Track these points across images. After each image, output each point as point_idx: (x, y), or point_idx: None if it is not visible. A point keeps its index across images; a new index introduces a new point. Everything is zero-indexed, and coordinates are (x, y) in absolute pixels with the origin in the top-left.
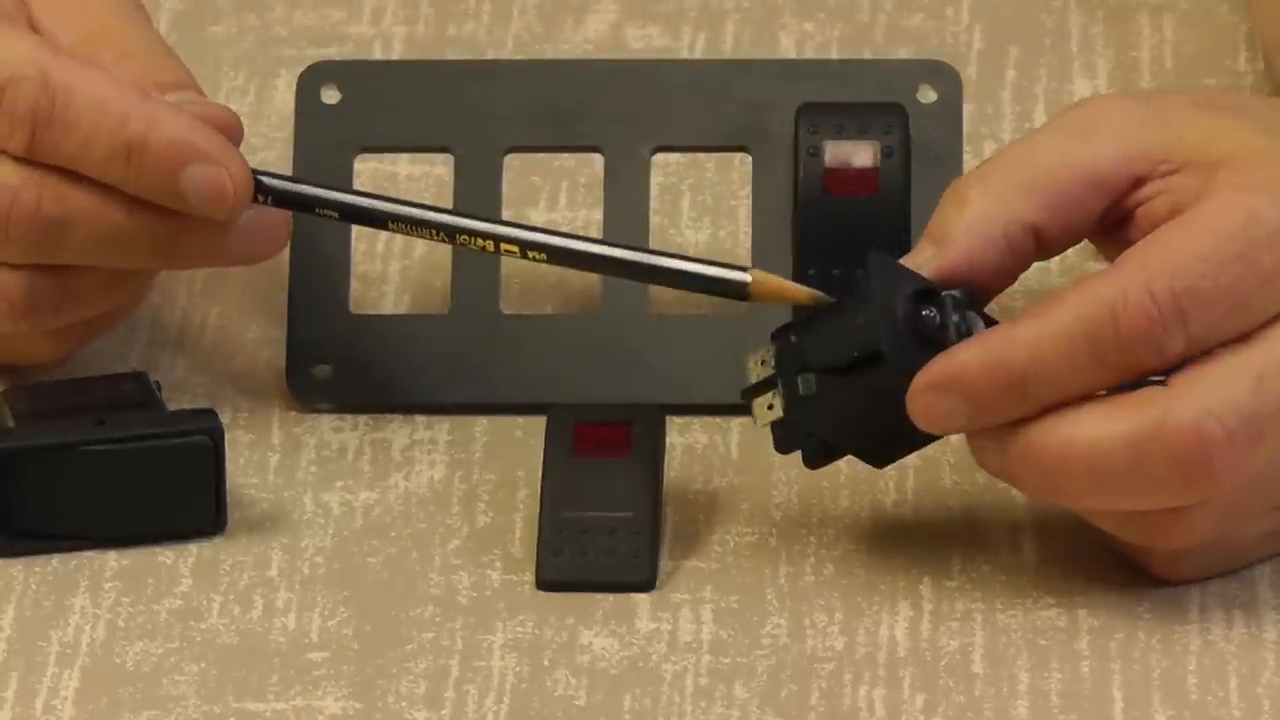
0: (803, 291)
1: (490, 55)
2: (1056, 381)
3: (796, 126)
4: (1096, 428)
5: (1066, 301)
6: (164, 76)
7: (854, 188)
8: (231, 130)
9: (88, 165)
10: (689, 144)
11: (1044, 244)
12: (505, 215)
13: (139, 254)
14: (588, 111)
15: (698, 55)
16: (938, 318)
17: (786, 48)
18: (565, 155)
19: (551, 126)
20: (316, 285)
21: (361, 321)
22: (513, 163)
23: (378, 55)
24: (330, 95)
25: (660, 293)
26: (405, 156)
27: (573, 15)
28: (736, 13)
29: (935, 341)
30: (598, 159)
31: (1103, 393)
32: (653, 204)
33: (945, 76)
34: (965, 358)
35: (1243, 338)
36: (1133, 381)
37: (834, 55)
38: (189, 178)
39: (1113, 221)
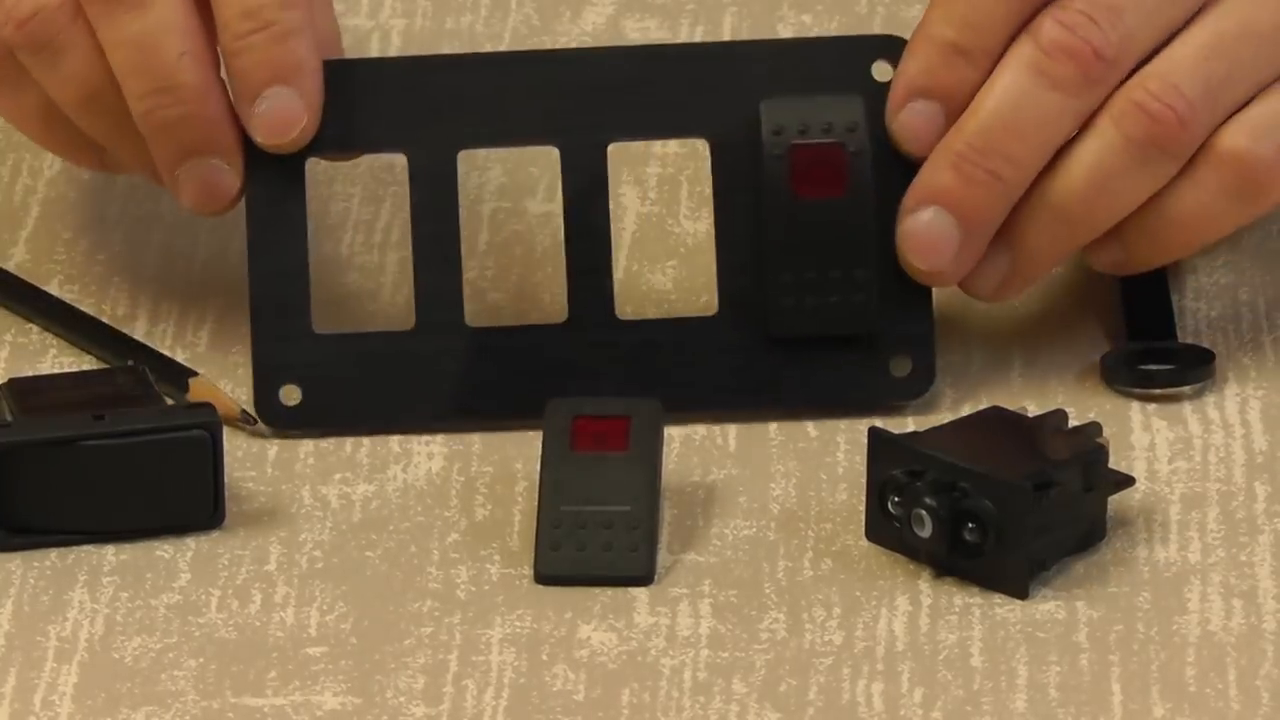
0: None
1: (488, 48)
2: (986, 28)
3: (760, 128)
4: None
5: None
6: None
7: (822, 190)
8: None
9: None
10: (644, 134)
11: None
12: (496, 206)
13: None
14: (541, 104)
15: None
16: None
17: None
18: None
19: (504, 121)
20: (278, 306)
21: (326, 341)
22: (511, 154)
23: (375, 48)
24: None
25: (625, 301)
26: None
27: (570, 8)
28: (735, 4)
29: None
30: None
31: None
32: (649, 195)
33: (900, 51)
34: (905, 62)
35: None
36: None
37: None
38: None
39: None
